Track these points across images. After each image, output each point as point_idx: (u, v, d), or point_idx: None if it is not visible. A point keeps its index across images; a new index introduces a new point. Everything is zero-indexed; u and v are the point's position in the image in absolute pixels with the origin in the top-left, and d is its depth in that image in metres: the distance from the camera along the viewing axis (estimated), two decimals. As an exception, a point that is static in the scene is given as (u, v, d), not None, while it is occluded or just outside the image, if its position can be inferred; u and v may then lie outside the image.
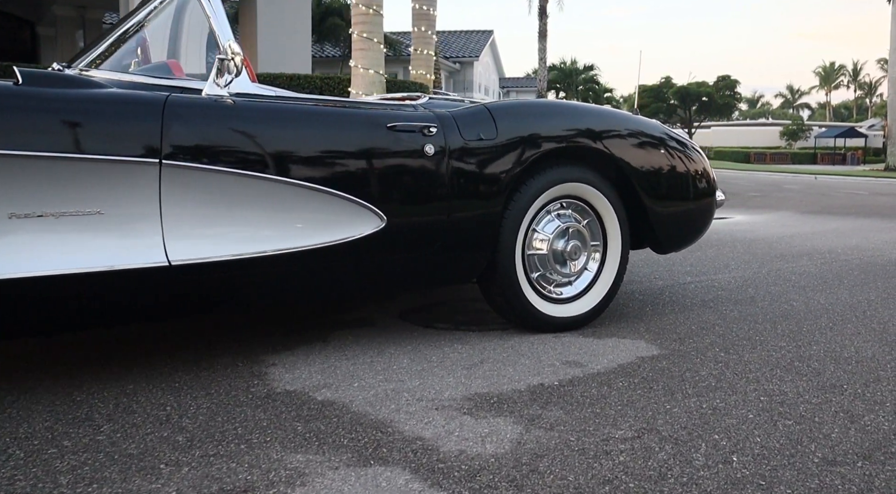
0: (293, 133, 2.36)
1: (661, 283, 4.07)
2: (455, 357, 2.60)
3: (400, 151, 2.52)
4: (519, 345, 2.77)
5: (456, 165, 2.61)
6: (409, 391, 2.24)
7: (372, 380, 2.34)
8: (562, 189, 2.89)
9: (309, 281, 2.45)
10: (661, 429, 1.97)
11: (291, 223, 2.35)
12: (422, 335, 2.91)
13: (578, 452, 1.82)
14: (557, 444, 1.86)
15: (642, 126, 3.11)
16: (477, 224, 2.68)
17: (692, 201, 3.22)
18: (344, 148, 2.43)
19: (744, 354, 2.69)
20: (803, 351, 2.73)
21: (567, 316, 2.97)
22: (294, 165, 2.33)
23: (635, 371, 2.47)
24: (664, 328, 3.06)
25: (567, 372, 2.45)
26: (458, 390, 2.27)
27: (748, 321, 3.18)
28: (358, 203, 2.42)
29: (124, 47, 2.66)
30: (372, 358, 2.58)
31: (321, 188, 2.36)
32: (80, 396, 2.17)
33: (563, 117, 2.88)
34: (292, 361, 2.53)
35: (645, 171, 3.04)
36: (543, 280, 2.94)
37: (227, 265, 2.24)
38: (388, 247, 2.52)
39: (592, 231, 3.04)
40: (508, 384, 2.32)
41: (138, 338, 2.83)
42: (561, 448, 1.83)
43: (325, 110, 2.46)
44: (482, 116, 2.71)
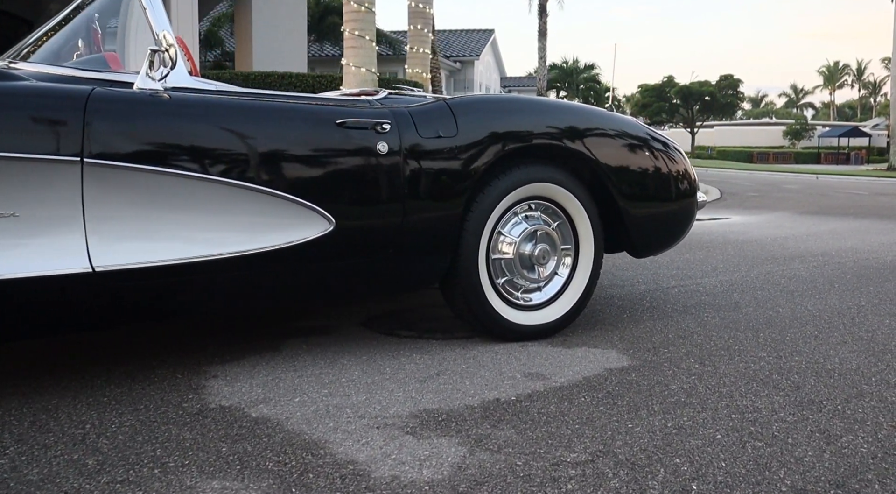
0: (232, 130, 2.20)
1: (644, 287, 3.91)
2: (411, 369, 2.45)
3: (350, 149, 2.36)
4: (481, 355, 2.61)
5: (412, 165, 2.45)
6: (352, 407, 2.08)
7: (316, 394, 2.19)
8: (529, 190, 2.73)
9: (251, 288, 2.30)
10: (619, 452, 1.81)
11: (230, 226, 2.19)
12: (381, 343, 2.75)
13: (523, 479, 1.66)
14: (502, 469, 1.70)
15: (617, 124, 2.94)
16: (435, 227, 2.52)
17: (670, 203, 3.05)
18: (288, 146, 2.27)
19: (720, 365, 2.52)
20: (784, 363, 2.56)
21: (536, 324, 2.81)
22: (233, 165, 2.17)
23: (601, 385, 2.30)
24: (639, 336, 2.90)
25: (527, 386, 2.29)
26: (406, 405, 2.11)
27: (729, 329, 3.02)
28: (303, 205, 2.27)
29: (62, 39, 2.50)
30: (322, 369, 2.42)
31: (263, 189, 2.20)
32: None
33: (529, 114, 2.72)
34: (236, 373, 2.38)
35: (619, 171, 2.87)
36: (510, 286, 2.78)
37: (158, 272, 2.09)
38: (337, 251, 2.36)
39: (563, 234, 2.88)
40: (461, 400, 2.16)
41: (78, 346, 2.68)
42: (504, 474, 1.67)
43: (268, 106, 2.30)
44: (441, 113, 2.55)
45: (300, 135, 2.29)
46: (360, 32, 10.56)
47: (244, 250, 2.20)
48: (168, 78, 2.21)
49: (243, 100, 2.29)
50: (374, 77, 10.86)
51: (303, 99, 2.43)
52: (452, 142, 2.52)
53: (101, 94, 2.03)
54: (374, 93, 2.81)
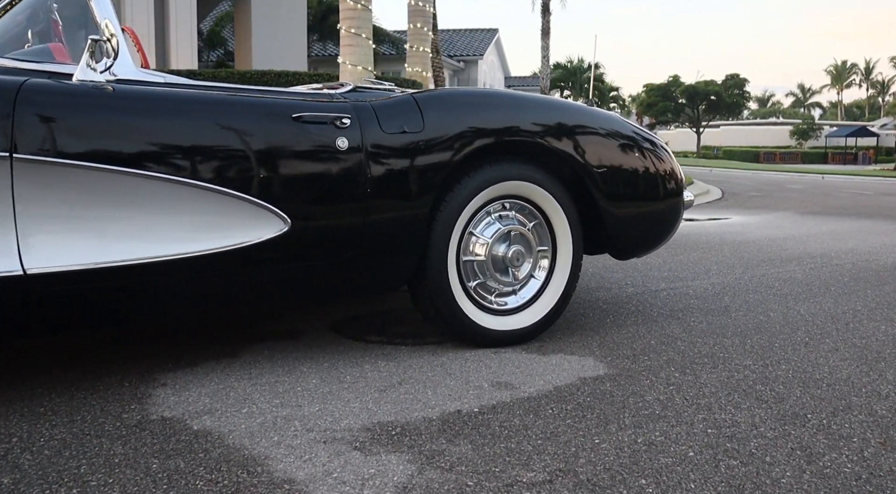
0: (179, 124, 2.07)
1: (632, 290, 3.76)
2: (373, 377, 2.31)
3: (307, 145, 2.23)
4: (450, 362, 2.47)
5: (374, 161, 2.31)
6: (302, 419, 1.95)
7: (266, 405, 2.06)
8: (503, 188, 2.60)
9: (200, 292, 2.17)
10: (581, 470, 1.67)
11: (176, 227, 2.06)
12: (348, 349, 2.62)
13: (471, 501, 1.52)
14: (450, 490, 1.57)
15: (598, 120, 2.80)
16: (400, 227, 2.38)
17: (653, 203, 2.91)
18: (239, 141, 2.14)
19: (701, 374, 2.38)
20: (770, 371, 2.42)
21: (510, 329, 2.67)
22: (179, 161, 2.05)
23: (571, 396, 2.17)
24: (620, 342, 2.76)
25: (493, 396, 2.15)
26: (361, 417, 1.98)
27: (716, 335, 2.88)
28: (256, 204, 2.14)
29: (6, 28, 2.37)
30: (278, 377, 2.29)
31: (211, 187, 2.07)
32: (-77, 423, 1.89)
33: (502, 109, 2.58)
34: (186, 380, 2.25)
35: (599, 169, 2.73)
36: (483, 289, 2.65)
37: (96, 275, 1.96)
38: (293, 253, 2.23)
39: (540, 235, 2.74)
40: (420, 411, 2.03)
41: (26, 351, 2.56)
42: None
43: (218, 99, 2.17)
44: (408, 107, 2.42)
45: (253, 130, 2.16)
46: (356, 30, 10.43)
47: (191, 251, 2.07)
48: (113, 69, 2.09)
49: (192, 93, 2.16)
50: (371, 75, 10.73)
51: (259, 92, 2.30)
52: (418, 137, 2.39)
53: (34, 85, 1.91)
54: (339, 87, 2.68)
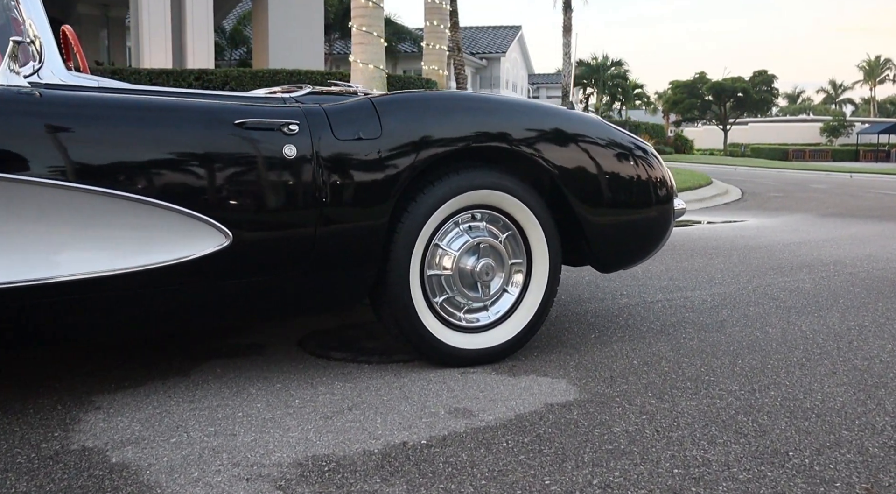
0: (109, 131, 1.93)
1: (625, 301, 3.57)
2: (323, 401, 2.16)
3: (250, 152, 2.07)
4: (411, 384, 2.31)
5: (326, 170, 2.16)
6: (232, 451, 1.80)
7: (199, 433, 1.91)
8: (471, 198, 2.43)
9: (132, 310, 2.02)
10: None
11: (106, 242, 1.92)
12: (307, 367, 2.47)
13: (388, 557, 1.36)
14: (368, 543, 1.41)
15: (576, 124, 2.62)
16: (355, 240, 2.23)
17: (638, 211, 2.72)
18: (176, 149, 1.99)
19: (680, 401, 2.20)
20: (756, 398, 2.23)
21: (480, 348, 2.50)
22: (108, 171, 1.90)
23: (533, 426, 2.00)
24: (600, 362, 2.58)
25: (447, 425, 1.99)
26: (296, 449, 1.82)
27: (705, 355, 2.68)
28: (194, 217, 1.99)
29: None
30: (222, 401, 2.15)
31: (146, 199, 1.93)
32: None
33: (468, 114, 2.40)
34: (124, 403, 2.11)
35: (577, 175, 2.55)
36: (450, 305, 2.48)
37: (18, 292, 1.83)
38: (236, 268, 2.08)
39: (513, 247, 2.57)
40: (363, 442, 1.87)
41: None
42: (368, 551, 1.38)
43: (154, 104, 2.03)
44: (364, 112, 2.26)
45: (191, 137, 2.01)
46: (367, 28, 10.29)
47: (122, 267, 1.93)
48: (41, 73, 1.95)
49: (125, 98, 2.02)
50: (383, 74, 10.59)
51: (201, 96, 2.15)
52: (375, 144, 2.23)
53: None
54: (296, 90, 2.53)
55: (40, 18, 1.97)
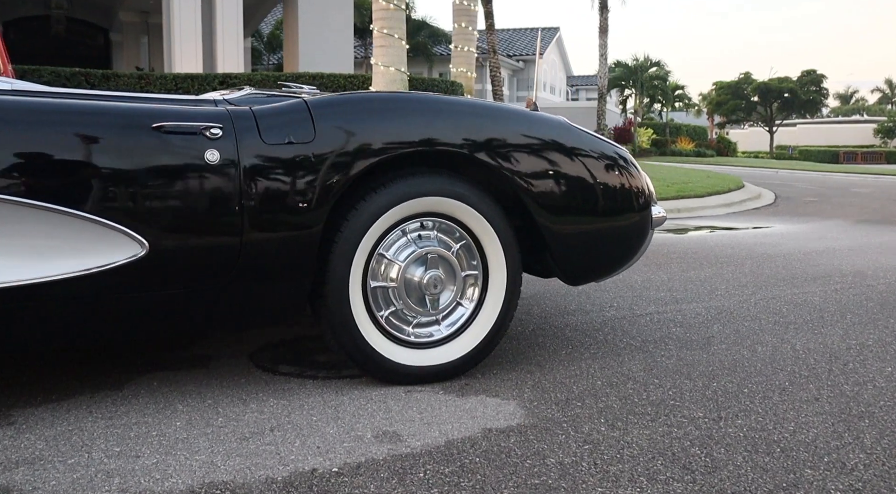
0: (18, 136, 1.84)
1: (612, 313, 3.38)
2: (248, 420, 2.04)
3: (168, 157, 1.96)
4: (348, 403, 2.17)
5: (251, 176, 2.03)
6: (127, 475, 1.69)
7: (102, 454, 1.80)
8: (419, 205, 2.28)
9: (40, 322, 1.92)
10: (406, 566, 1.35)
11: (11, 250, 1.82)
12: (249, 382, 2.35)
13: None
14: None
15: (536, 126, 2.45)
16: (284, 250, 2.10)
17: (605, 220, 2.54)
18: (87, 154, 1.89)
19: (633, 430, 2.02)
20: (719, 428, 2.04)
21: (430, 365, 2.35)
22: (17, 178, 1.81)
23: (461, 454, 1.84)
24: (561, 382, 2.41)
25: (367, 451, 1.84)
26: (196, 475, 1.70)
27: (678, 375, 2.49)
28: (105, 225, 1.88)
29: None
30: (142, 418, 2.03)
31: (54, 207, 1.83)
32: None
33: (414, 116, 2.25)
34: (39, 418, 2.01)
35: (537, 181, 2.39)
36: (398, 319, 2.34)
37: None
38: (153, 280, 1.97)
39: (468, 258, 2.41)
40: (270, 469, 1.74)
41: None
42: None
43: (65, 107, 1.92)
44: (297, 114, 2.13)
45: (103, 141, 1.90)
46: (388, 31, 10.21)
47: (27, 278, 1.83)
48: (-53, 72, 1.87)
49: (38, 101, 1.92)
50: (404, 76, 10.49)
51: (119, 99, 2.04)
52: (307, 149, 2.10)
53: None
54: (236, 92, 2.41)
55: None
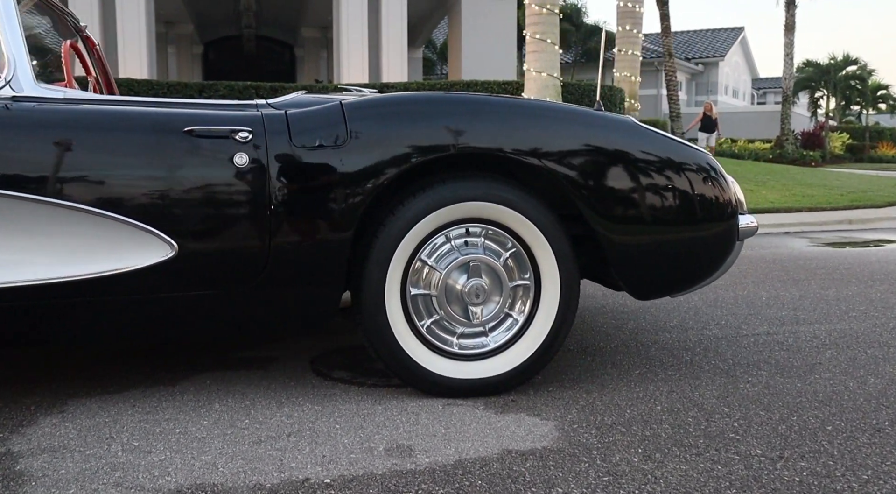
0: (56, 141, 1.95)
1: (715, 332, 3.07)
2: (271, 424, 2.03)
3: (198, 161, 2.00)
4: (381, 413, 2.11)
5: (280, 180, 2.03)
6: (131, 469, 1.73)
7: (119, 447, 1.86)
8: (461, 211, 2.18)
9: (75, 319, 2.03)
10: None
11: (45, 250, 1.94)
12: (295, 386, 2.36)
13: None
14: None
15: (595, 127, 2.28)
16: (313, 255, 2.08)
17: (677, 229, 2.30)
18: (121, 158, 1.97)
19: (669, 464, 1.80)
20: (773, 470, 1.77)
21: (474, 378, 2.24)
22: (57, 180, 1.92)
23: (462, 476, 1.73)
24: (615, 404, 2.21)
25: (368, 465, 1.78)
26: (193, 475, 1.71)
27: (756, 405, 2.20)
28: (137, 226, 1.96)
29: None
30: (175, 415, 2.09)
31: (90, 209, 1.93)
32: None
33: (452, 117, 2.15)
34: (86, 408, 2.12)
35: (592, 186, 2.21)
36: (441, 329, 2.25)
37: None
38: (182, 281, 2.02)
39: (518, 266, 2.28)
40: (265, 475, 1.72)
41: (9, 363, 2.61)
42: None
43: (105, 114, 2.02)
44: (331, 117, 2.11)
45: (138, 145, 1.98)
46: (541, 36, 10.10)
47: (65, 276, 1.94)
48: (12, 85, 2.02)
49: (78, 109, 2.03)
50: (556, 82, 10.33)
51: (159, 104, 2.12)
52: (339, 152, 2.07)
53: None
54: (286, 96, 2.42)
55: (15, 36, 2.04)
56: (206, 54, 25.56)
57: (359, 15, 14.92)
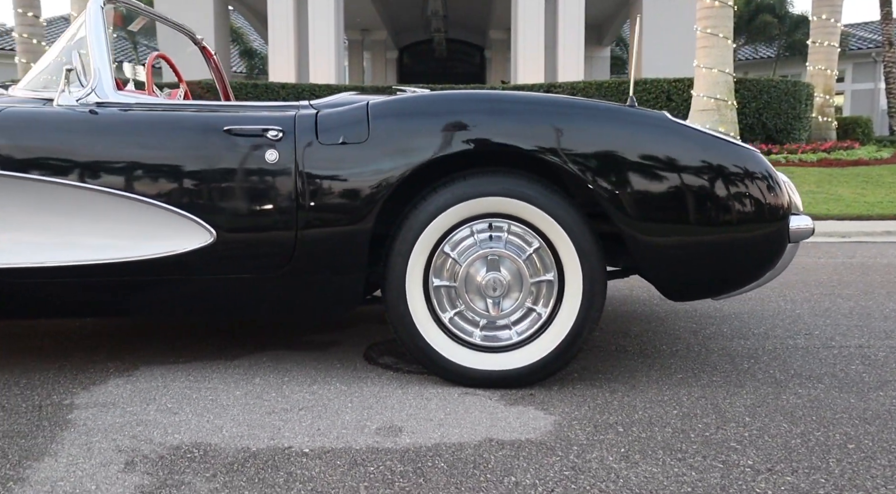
0: (120, 142, 2.27)
1: (801, 342, 2.86)
2: (293, 398, 2.22)
3: (234, 157, 2.23)
4: (392, 396, 2.23)
5: (305, 174, 2.21)
6: (149, 426, 1.98)
7: (152, 408, 2.12)
8: (480, 205, 2.24)
9: (131, 294, 2.33)
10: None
11: (113, 234, 2.26)
12: (339, 368, 2.53)
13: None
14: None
15: (624, 123, 2.23)
16: (335, 245, 2.24)
17: (713, 229, 2.20)
18: (171, 155, 2.25)
19: (643, 465, 1.76)
20: (750, 481, 1.67)
21: (491, 370, 2.29)
22: (117, 175, 2.23)
23: (430, 458, 1.80)
24: (629, 404, 2.16)
25: (350, 441, 1.90)
26: (197, 435, 1.92)
27: (782, 418, 2.06)
28: (183, 215, 2.23)
29: (49, 66, 2.74)
30: (215, 386, 2.32)
31: (143, 199, 2.22)
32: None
33: (469, 114, 2.21)
34: (150, 375, 2.42)
35: (617, 183, 2.18)
36: (463, 320, 2.32)
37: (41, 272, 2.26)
38: (219, 265, 2.26)
39: (541, 263, 2.29)
40: (254, 440, 1.89)
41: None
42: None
43: (160, 117, 2.31)
44: (356, 116, 2.25)
45: (185, 144, 2.25)
46: (712, 30, 9.64)
47: (125, 257, 2.25)
48: (96, 92, 2.37)
49: (139, 113, 2.32)
50: (728, 78, 9.80)
51: (211, 108, 2.37)
52: (359, 149, 2.21)
53: (6, 113, 2.28)
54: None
55: (102, 52, 2.39)
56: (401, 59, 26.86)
57: (535, 16, 15.01)
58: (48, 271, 2.26)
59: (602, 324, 3.14)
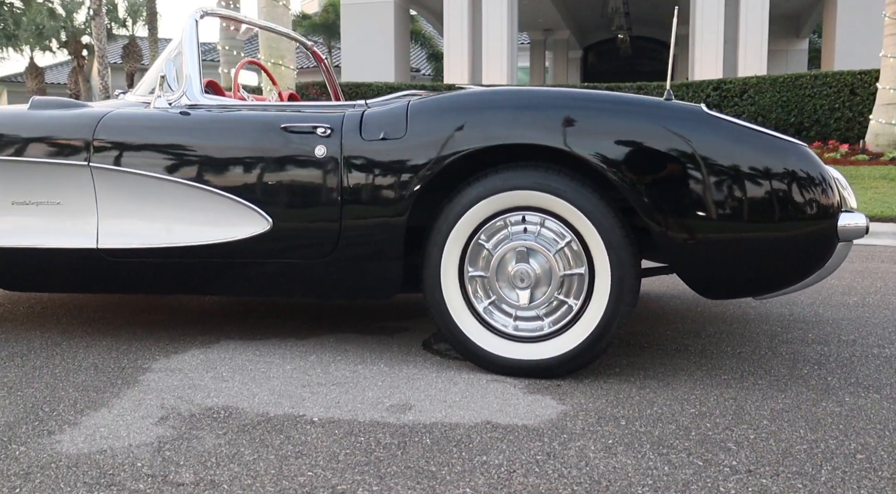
0: (198, 140, 2.57)
1: (876, 351, 2.63)
2: (332, 375, 2.40)
3: (288, 152, 2.46)
4: (424, 379, 2.35)
5: (349, 168, 2.39)
6: (195, 388, 2.24)
7: (210, 375, 2.39)
8: (511, 199, 2.30)
9: (205, 274, 2.62)
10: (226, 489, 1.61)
11: (193, 221, 2.57)
12: (395, 351, 2.69)
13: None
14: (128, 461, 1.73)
15: (656, 117, 2.20)
16: (374, 234, 2.40)
17: (749, 228, 2.11)
18: (238, 151, 2.52)
19: (622, 459, 1.75)
20: (719, 481, 1.62)
21: (520, 359, 2.34)
22: (194, 169, 2.54)
23: (421, 434, 1.91)
24: (651, 400, 2.13)
25: (357, 414, 2.05)
26: (234, 399, 2.16)
27: (800, 423, 1.95)
28: (245, 205, 2.49)
29: (153, 74, 3.08)
30: (273, 360, 2.56)
31: (214, 190, 2.51)
32: None
33: (498, 111, 2.28)
34: (225, 349, 2.71)
35: (644, 178, 2.16)
36: (497, 309, 2.39)
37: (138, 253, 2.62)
38: (274, 250, 2.50)
39: (573, 256, 2.31)
40: (274, 407, 2.10)
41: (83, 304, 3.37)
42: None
43: (231, 117, 2.58)
44: (397, 114, 2.40)
45: (249, 141, 2.51)
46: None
47: (201, 241, 2.55)
48: (187, 95, 2.70)
49: (216, 114, 2.61)
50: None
51: (278, 108, 2.61)
52: (397, 144, 2.35)
53: (112, 116, 2.66)
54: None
55: (193, 60, 2.72)
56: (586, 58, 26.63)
57: (714, 10, 14.35)
58: (144, 251, 2.61)
59: (672, 323, 3.06)
